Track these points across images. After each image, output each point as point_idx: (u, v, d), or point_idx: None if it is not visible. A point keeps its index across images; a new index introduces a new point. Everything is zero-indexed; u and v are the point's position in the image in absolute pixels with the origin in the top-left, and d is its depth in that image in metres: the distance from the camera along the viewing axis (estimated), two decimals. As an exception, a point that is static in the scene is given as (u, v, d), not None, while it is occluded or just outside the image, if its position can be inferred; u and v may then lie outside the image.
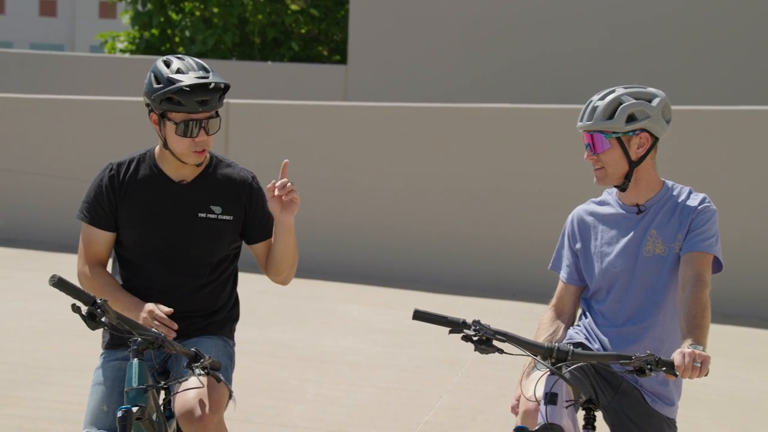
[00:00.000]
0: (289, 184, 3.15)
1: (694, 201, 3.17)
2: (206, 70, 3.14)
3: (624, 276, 3.18)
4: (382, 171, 10.06)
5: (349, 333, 7.39)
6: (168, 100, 3.08)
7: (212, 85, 3.11)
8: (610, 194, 3.32)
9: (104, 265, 3.28)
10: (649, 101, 3.14)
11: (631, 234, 3.19)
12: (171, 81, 3.07)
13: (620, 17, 14.35)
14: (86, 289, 3.15)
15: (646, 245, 3.17)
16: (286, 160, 3.21)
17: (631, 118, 3.11)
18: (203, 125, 3.11)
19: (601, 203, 3.32)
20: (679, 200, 3.18)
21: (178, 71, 3.10)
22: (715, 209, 3.18)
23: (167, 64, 3.13)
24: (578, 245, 3.29)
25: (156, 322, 3.07)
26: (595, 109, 3.13)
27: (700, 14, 14.14)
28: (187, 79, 3.07)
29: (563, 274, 3.35)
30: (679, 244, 3.13)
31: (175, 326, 3.10)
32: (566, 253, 3.34)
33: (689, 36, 14.13)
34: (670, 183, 3.26)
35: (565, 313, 3.33)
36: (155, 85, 3.10)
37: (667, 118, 3.17)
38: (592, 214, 3.30)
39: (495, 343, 2.73)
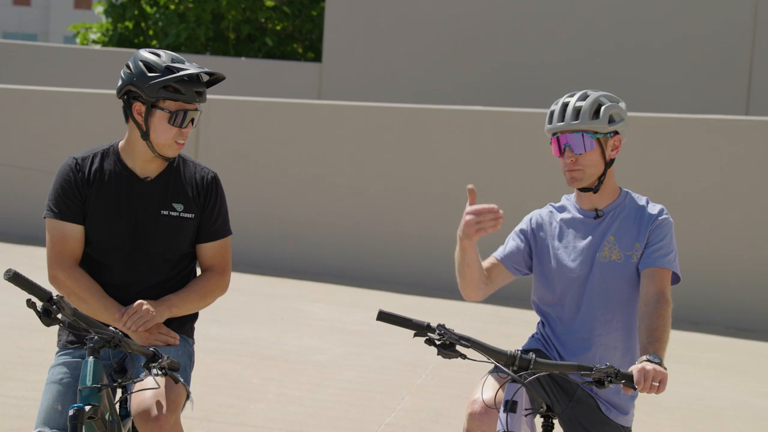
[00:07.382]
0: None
1: (652, 211, 3.18)
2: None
3: (579, 281, 3.18)
4: (353, 170, 10.05)
5: (314, 332, 7.36)
6: (165, 88, 3.08)
7: (214, 76, 3.17)
8: (569, 199, 3.31)
9: (78, 263, 3.22)
10: (618, 104, 3.18)
11: (589, 239, 3.19)
12: (171, 70, 3.09)
13: (594, 36, 14.43)
14: (66, 295, 3.11)
15: (602, 251, 3.17)
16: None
17: (611, 120, 3.14)
18: (192, 116, 3.14)
19: (561, 208, 3.31)
20: (638, 209, 3.20)
21: (174, 61, 3.12)
22: (672, 221, 3.19)
23: (156, 55, 3.14)
24: (534, 246, 3.27)
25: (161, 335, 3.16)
26: (578, 109, 3.12)
27: (670, 33, 14.25)
28: (191, 68, 3.10)
29: (498, 254, 3.26)
30: (637, 253, 3.13)
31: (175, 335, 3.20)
32: (514, 242, 3.26)
33: (663, 53, 14.25)
34: (626, 191, 3.27)
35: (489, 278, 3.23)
36: (149, 74, 3.09)
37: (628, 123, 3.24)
38: (550, 218, 3.30)
39: (458, 348, 2.70)
